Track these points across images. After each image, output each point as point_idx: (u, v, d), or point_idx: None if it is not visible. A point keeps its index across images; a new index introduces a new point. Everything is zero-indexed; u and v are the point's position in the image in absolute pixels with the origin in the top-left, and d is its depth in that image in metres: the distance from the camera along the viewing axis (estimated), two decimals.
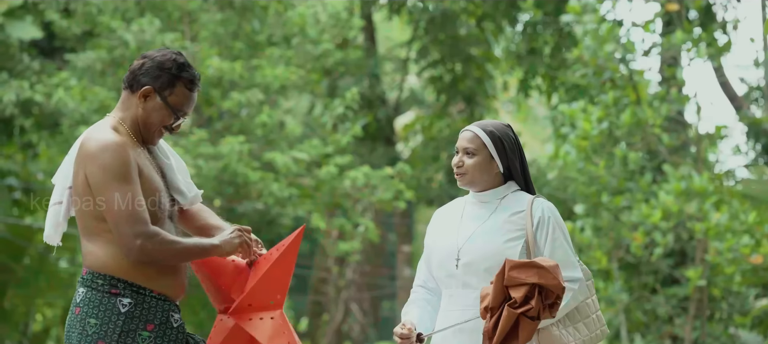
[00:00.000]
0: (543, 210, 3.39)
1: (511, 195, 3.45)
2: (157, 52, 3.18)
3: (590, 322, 3.42)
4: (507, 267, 3.15)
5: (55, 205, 3.18)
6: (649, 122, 9.41)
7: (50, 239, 3.22)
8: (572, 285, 3.35)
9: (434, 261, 3.48)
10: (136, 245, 2.99)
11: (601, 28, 9.46)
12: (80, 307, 3.08)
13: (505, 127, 3.47)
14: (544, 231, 3.37)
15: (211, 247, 3.13)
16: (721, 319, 10.05)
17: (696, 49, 9.45)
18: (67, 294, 13.18)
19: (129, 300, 3.06)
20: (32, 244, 12.74)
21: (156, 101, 3.14)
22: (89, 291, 3.08)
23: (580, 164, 9.55)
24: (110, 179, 2.99)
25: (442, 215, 3.57)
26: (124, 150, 3.03)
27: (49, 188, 10.80)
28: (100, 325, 3.04)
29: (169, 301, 3.13)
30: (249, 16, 11.33)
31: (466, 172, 3.43)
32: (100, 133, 3.06)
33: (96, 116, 10.55)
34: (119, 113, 3.17)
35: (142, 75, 3.13)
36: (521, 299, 3.12)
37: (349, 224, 11.63)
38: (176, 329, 3.13)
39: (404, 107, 16.56)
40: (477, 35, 14.53)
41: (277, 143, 11.10)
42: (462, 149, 3.45)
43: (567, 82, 12.65)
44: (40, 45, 12.79)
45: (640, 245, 9.38)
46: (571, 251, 3.40)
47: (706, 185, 8.98)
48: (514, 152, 3.45)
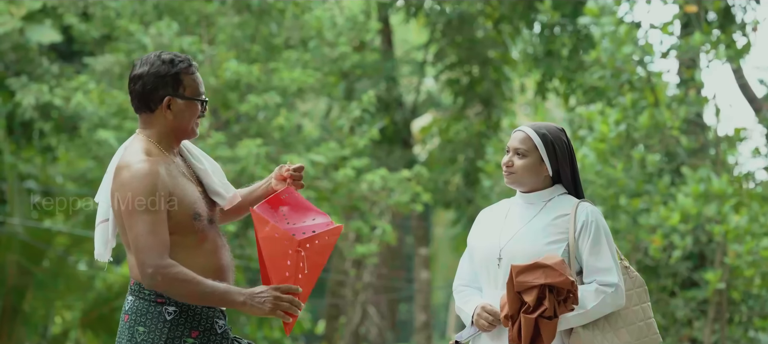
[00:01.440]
0: (587, 215, 3.38)
1: (557, 198, 3.45)
2: (141, 66, 3.21)
3: (635, 329, 3.38)
4: (513, 272, 3.16)
5: (102, 223, 3.28)
6: (667, 125, 9.37)
7: (101, 257, 3.33)
8: (606, 288, 3.33)
9: (476, 260, 3.48)
10: (148, 274, 3.07)
11: (618, 30, 9.42)
12: (129, 315, 3.18)
13: (558, 131, 3.46)
14: (587, 236, 3.37)
15: (232, 302, 3.11)
16: (741, 322, 9.99)
17: (715, 50, 9.40)
18: (85, 296, 13.24)
19: (174, 308, 3.14)
20: (51, 247, 12.80)
21: (179, 104, 3.21)
22: (137, 300, 3.18)
23: (597, 166, 9.52)
24: (136, 206, 3.09)
25: (486, 215, 3.57)
26: (153, 179, 3.10)
27: (68, 191, 10.84)
28: (147, 333, 3.14)
29: (213, 308, 3.19)
30: (266, 20, 11.35)
31: (515, 172, 3.43)
32: (133, 158, 3.15)
33: (114, 119, 10.60)
34: (146, 131, 3.23)
35: (151, 92, 3.19)
36: (534, 302, 3.15)
37: (367, 227, 11.63)
38: (220, 335, 3.19)
39: (421, 110, 16.55)
40: (494, 38, 14.50)
41: (294, 146, 11.11)
42: (513, 148, 3.45)
43: (585, 84, 12.61)
44: (59, 49, 12.86)
45: (659, 248, 9.34)
46: (612, 257, 3.37)
47: (725, 187, 8.93)
48: (566, 156, 3.44)
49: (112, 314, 13.01)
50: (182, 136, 3.25)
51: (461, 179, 14.69)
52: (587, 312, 3.31)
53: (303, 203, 3.35)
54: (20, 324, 12.76)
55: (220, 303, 3.14)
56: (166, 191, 3.11)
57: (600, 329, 3.35)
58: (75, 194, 12.02)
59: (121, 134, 10.40)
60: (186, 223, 3.14)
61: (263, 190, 3.42)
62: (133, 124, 10.42)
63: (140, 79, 3.19)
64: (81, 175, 12.00)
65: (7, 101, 12.29)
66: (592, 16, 9.71)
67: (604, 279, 3.34)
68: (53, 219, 13.10)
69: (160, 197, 3.10)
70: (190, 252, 3.15)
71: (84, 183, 12.00)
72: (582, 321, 3.32)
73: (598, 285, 3.34)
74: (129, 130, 10.40)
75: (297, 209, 3.34)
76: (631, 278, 3.42)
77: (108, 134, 10.24)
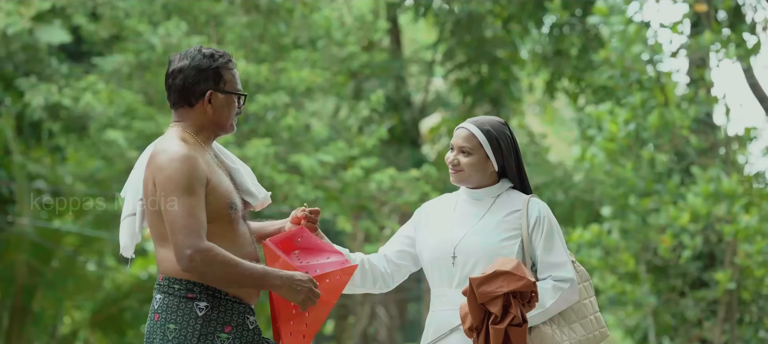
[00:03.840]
0: (539, 210, 3.39)
1: (505, 194, 3.45)
2: (181, 60, 3.22)
3: (587, 323, 3.40)
4: (473, 285, 3.13)
5: (129, 217, 3.27)
6: (676, 124, 9.34)
7: (126, 251, 3.30)
8: (562, 284, 3.34)
9: (426, 258, 3.45)
10: (186, 255, 3.03)
11: (628, 30, 9.39)
12: (159, 313, 3.14)
13: (501, 124, 3.47)
14: (540, 232, 3.37)
15: (269, 285, 3.12)
16: (751, 322, 9.95)
17: (725, 50, 9.36)
18: (94, 296, 13.26)
19: (205, 304, 3.11)
20: (60, 247, 12.83)
21: (219, 98, 3.21)
22: (166, 296, 3.13)
23: (607, 166, 9.49)
24: (174, 188, 3.06)
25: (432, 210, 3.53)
26: (191, 162, 3.09)
27: (77, 191, 10.85)
28: (179, 330, 3.10)
29: (243, 303, 3.17)
30: (275, 19, 11.35)
31: (463, 169, 3.43)
32: (169, 144, 3.14)
33: (123, 119, 10.61)
34: (182, 123, 3.23)
35: (192, 86, 3.19)
36: (501, 311, 3.12)
37: (375, 227, 11.62)
38: (252, 331, 3.17)
39: (430, 109, 16.54)
40: (503, 37, 14.48)
41: (303, 146, 11.11)
42: (458, 147, 3.45)
43: (594, 83, 12.58)
44: (68, 49, 12.88)
45: (669, 248, 9.31)
46: (565, 252, 3.39)
47: (735, 187, 8.89)
48: (510, 150, 3.44)
49: (121, 314, 13.04)
50: (220, 131, 3.25)
51: None
52: (547, 310, 3.31)
53: (317, 244, 3.35)
54: (29, 324, 12.79)
55: (257, 285, 3.12)
56: (203, 177, 3.10)
57: (557, 325, 3.35)
58: (84, 194, 12.04)
59: (129, 134, 10.42)
60: (222, 212, 3.12)
61: (276, 228, 3.43)
62: (141, 124, 10.43)
63: (181, 73, 3.19)
64: (90, 175, 12.02)
65: (16, 101, 12.32)
66: (601, 15, 9.68)
67: (559, 274, 3.34)
68: (62, 219, 13.12)
69: (198, 181, 3.08)
70: (226, 243, 3.12)
71: (93, 183, 12.02)
72: (542, 318, 3.31)
73: (554, 282, 3.34)
74: (138, 130, 10.41)
75: (310, 250, 3.33)
76: (577, 272, 3.42)
77: (117, 134, 10.25)
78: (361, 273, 3.46)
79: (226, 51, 3.29)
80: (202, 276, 3.08)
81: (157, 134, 9.26)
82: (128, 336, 13.36)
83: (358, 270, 3.43)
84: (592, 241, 9.44)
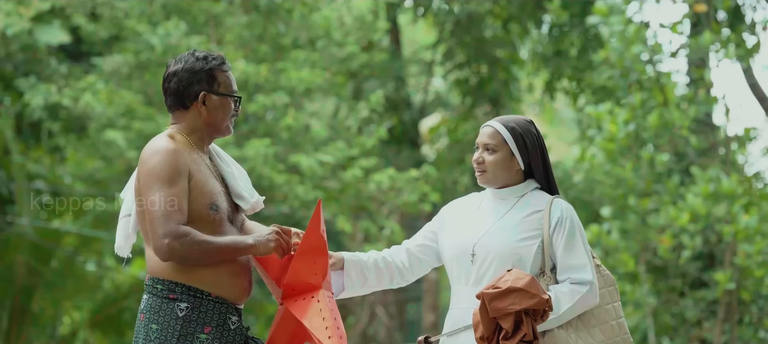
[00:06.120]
0: (562, 211, 3.34)
1: (530, 194, 3.41)
2: (176, 64, 3.28)
3: (608, 328, 3.34)
4: (486, 300, 3.10)
5: (125, 217, 3.31)
6: (676, 124, 9.34)
7: (121, 251, 3.35)
8: (580, 287, 3.29)
9: (447, 255, 3.44)
10: (164, 244, 3.07)
11: (628, 30, 9.39)
12: (144, 313, 3.20)
13: (527, 122, 3.41)
14: (561, 233, 3.32)
15: (245, 247, 3.18)
16: (751, 323, 9.95)
17: (724, 50, 9.36)
18: (94, 296, 13.25)
19: (186, 305, 3.15)
20: (60, 247, 12.82)
21: (213, 99, 3.25)
22: (151, 297, 3.19)
23: (606, 166, 9.48)
24: (153, 181, 3.11)
25: (455, 209, 3.51)
26: (172, 155, 3.14)
27: (77, 191, 10.88)
28: (160, 330, 3.15)
29: (226, 304, 3.20)
30: (274, 20, 11.35)
31: (487, 169, 3.39)
32: (154, 141, 3.20)
33: (122, 119, 10.61)
34: (176, 125, 3.28)
35: (186, 88, 3.25)
36: (512, 327, 3.09)
37: (375, 227, 11.62)
38: (233, 331, 3.20)
39: (429, 110, 16.53)
40: (503, 37, 14.48)
41: (303, 146, 11.11)
42: (482, 145, 3.41)
43: (593, 84, 12.58)
44: (67, 49, 12.87)
45: (668, 248, 9.30)
46: (586, 255, 3.33)
47: (734, 187, 8.89)
48: (536, 148, 3.39)
49: (120, 314, 13.03)
50: (215, 133, 3.29)
51: (469, 179, 14.66)
52: (561, 315, 3.27)
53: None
54: (29, 324, 12.77)
55: (235, 253, 3.17)
56: (185, 169, 3.14)
57: (574, 328, 3.30)
58: (83, 194, 12.03)
59: (129, 134, 10.42)
60: (202, 213, 3.16)
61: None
62: (141, 124, 10.43)
63: (175, 76, 3.24)
64: (89, 175, 12.02)
65: (15, 102, 12.32)
66: (600, 15, 9.68)
67: (578, 276, 3.29)
68: (62, 219, 13.11)
69: (180, 172, 3.12)
70: None
71: (92, 183, 12.02)
72: (556, 323, 3.28)
73: (572, 285, 3.29)
74: (137, 130, 10.41)
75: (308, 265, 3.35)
76: (602, 276, 3.37)
77: (116, 135, 10.25)
78: (375, 273, 3.47)
79: (222, 53, 3.32)
80: (184, 260, 3.12)
81: (157, 133, 9.24)
82: (128, 336, 13.35)
83: (371, 271, 3.47)
84: (591, 241, 9.44)
